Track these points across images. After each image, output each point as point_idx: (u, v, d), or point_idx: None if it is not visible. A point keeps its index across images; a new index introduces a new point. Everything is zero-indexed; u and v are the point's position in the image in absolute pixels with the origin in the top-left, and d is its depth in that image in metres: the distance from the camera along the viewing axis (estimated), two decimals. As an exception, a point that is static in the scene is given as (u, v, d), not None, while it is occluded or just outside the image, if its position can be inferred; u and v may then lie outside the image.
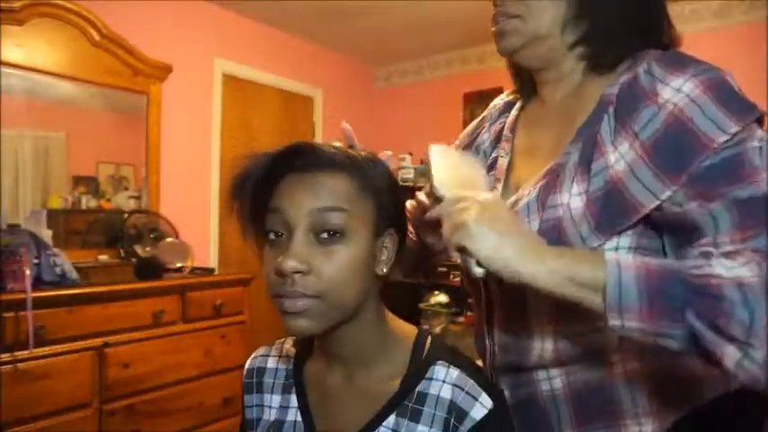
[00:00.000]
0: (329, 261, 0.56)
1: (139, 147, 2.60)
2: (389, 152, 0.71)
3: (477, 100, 3.48)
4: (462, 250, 0.55)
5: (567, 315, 0.62)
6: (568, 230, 0.60)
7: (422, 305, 3.33)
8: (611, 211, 0.58)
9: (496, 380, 0.72)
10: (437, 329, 3.16)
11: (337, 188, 0.58)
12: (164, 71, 2.65)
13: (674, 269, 0.50)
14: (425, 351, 0.64)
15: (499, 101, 0.87)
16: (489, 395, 0.58)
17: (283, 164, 0.60)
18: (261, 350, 0.76)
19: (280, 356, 0.74)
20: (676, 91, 0.56)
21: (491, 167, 0.78)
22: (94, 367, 1.81)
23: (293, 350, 0.73)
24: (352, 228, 0.58)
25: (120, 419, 1.86)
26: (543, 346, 0.65)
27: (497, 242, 0.53)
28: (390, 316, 0.67)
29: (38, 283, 1.75)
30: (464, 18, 3.01)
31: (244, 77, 3.15)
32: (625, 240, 0.59)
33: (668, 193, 0.55)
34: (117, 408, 1.86)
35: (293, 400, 0.68)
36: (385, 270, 0.62)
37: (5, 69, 2.10)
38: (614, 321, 0.50)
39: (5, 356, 1.59)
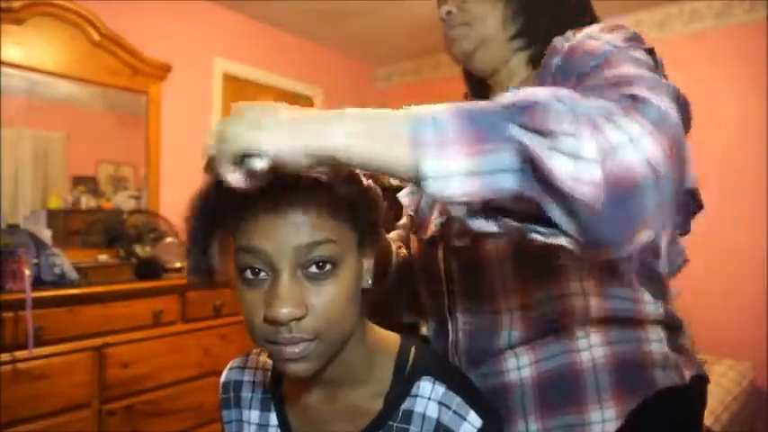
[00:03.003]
0: (323, 297, 0.51)
1: (139, 147, 2.59)
2: None
3: (477, 100, 3.47)
4: (242, 156, 0.42)
5: (534, 281, 0.65)
6: None
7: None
8: None
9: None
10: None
11: (321, 216, 0.51)
12: (163, 70, 2.64)
13: (490, 103, 0.44)
14: (409, 364, 0.60)
15: None
16: (478, 413, 0.56)
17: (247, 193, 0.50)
18: (236, 361, 0.72)
19: (256, 368, 0.69)
20: (581, 35, 0.63)
21: None
22: (94, 367, 1.81)
23: (270, 362, 0.69)
24: (341, 255, 0.53)
25: (120, 420, 1.86)
26: (512, 322, 0.66)
27: (285, 125, 0.42)
28: (371, 327, 0.63)
29: (37, 283, 1.75)
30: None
31: (244, 77, 3.15)
32: None
33: None
34: (116, 408, 1.86)
35: (273, 418, 0.65)
36: (370, 282, 0.58)
37: (5, 69, 2.09)
38: (433, 164, 0.39)
39: (5, 357, 1.59)
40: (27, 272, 1.66)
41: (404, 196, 0.87)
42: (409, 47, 3.61)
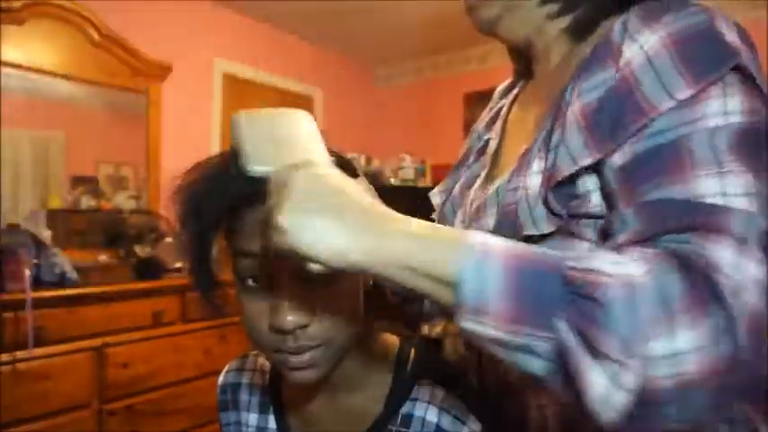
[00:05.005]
0: (329, 303, 0.50)
1: (139, 147, 2.59)
2: None
3: (477, 100, 3.48)
4: (287, 254, 0.40)
5: None
6: (522, 214, 0.52)
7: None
8: (561, 189, 0.49)
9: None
10: (436, 329, 3.15)
11: None
12: (163, 71, 2.64)
13: (553, 262, 0.39)
14: (409, 367, 0.59)
15: (502, 85, 0.80)
16: (479, 418, 0.55)
17: (241, 195, 0.49)
18: (233, 364, 0.71)
19: (254, 371, 0.68)
20: (640, 48, 0.46)
21: (482, 151, 0.71)
22: (94, 367, 1.81)
23: (268, 364, 0.67)
24: None
25: (120, 420, 1.86)
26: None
27: (320, 227, 0.39)
28: (371, 329, 0.61)
29: (37, 283, 1.75)
30: (465, 17, 3.01)
31: (244, 77, 3.15)
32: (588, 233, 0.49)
33: (588, 160, 0.47)
34: (116, 408, 1.86)
35: (271, 421, 0.64)
36: (371, 282, 0.57)
37: (5, 69, 2.09)
38: (467, 324, 0.38)
39: (5, 357, 1.59)
40: (27, 272, 1.65)
41: (435, 195, 0.80)
42: (409, 47, 3.61)
